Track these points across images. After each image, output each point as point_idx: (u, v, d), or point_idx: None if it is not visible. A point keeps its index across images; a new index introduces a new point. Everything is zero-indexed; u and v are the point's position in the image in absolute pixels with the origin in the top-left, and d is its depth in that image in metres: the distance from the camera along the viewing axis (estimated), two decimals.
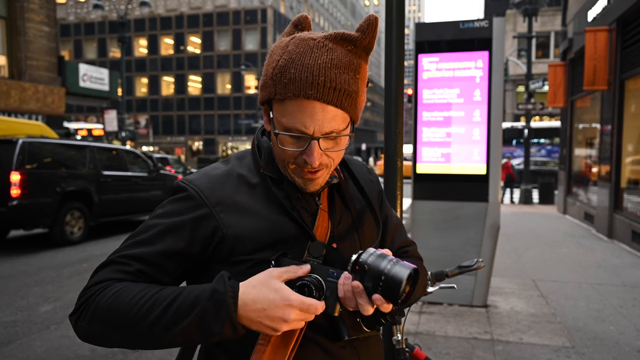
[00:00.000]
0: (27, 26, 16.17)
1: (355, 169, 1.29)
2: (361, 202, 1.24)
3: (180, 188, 1.12)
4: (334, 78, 1.01)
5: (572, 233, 10.55)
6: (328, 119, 1.03)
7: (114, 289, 0.99)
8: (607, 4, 9.76)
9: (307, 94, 1.00)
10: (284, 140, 1.06)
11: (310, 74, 1.00)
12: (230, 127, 57.12)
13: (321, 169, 1.08)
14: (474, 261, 1.76)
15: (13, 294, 6.11)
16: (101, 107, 21.99)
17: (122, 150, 11.73)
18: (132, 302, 0.96)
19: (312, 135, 1.03)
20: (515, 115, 31.10)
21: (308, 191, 1.11)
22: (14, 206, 8.31)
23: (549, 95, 13.95)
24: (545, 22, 29.52)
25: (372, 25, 1.04)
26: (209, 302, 0.93)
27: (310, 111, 1.01)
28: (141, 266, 1.04)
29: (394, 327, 1.65)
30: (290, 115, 1.03)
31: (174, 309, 0.94)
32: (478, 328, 4.75)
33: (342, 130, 1.06)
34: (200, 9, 57.52)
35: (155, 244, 1.05)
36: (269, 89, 1.06)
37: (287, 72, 1.02)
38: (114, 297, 0.98)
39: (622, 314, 5.22)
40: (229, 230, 1.06)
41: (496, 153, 5.12)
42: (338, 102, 1.02)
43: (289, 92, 1.01)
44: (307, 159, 1.04)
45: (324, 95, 1.01)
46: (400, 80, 2.71)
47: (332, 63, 1.02)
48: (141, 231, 1.09)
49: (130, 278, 1.03)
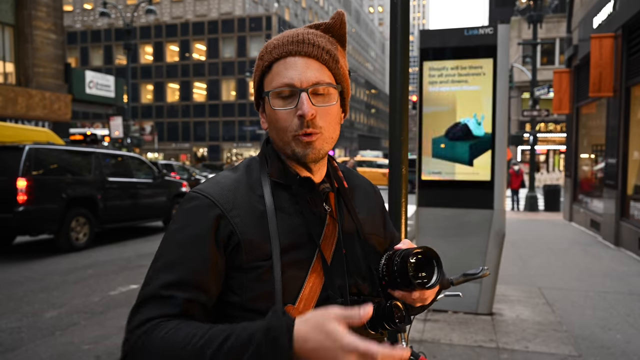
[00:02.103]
0: (35, 34, 16.31)
1: (358, 180, 1.35)
2: (364, 212, 1.26)
3: (193, 197, 1.11)
4: (311, 38, 1.14)
5: (578, 240, 10.50)
6: (312, 70, 1.11)
7: (161, 330, 0.96)
8: (613, 10, 9.75)
9: (289, 50, 1.12)
10: (276, 103, 1.12)
11: (290, 37, 1.14)
12: (234, 133, 57.23)
13: (316, 132, 1.11)
14: (480, 269, 1.75)
15: (19, 299, 6.12)
16: (107, 113, 22.09)
17: (127, 156, 11.78)
18: (183, 343, 0.92)
19: (300, 87, 1.09)
20: (521, 122, 31.07)
21: (309, 160, 1.13)
22: (20, 212, 8.34)
23: (554, 102, 13.93)
24: (550, 29, 29.50)
25: (339, 15, 1.18)
26: (265, 340, 0.88)
27: (294, 64, 1.11)
28: (181, 293, 1.01)
29: (398, 334, 1.64)
30: (277, 75, 1.12)
31: (227, 347, 0.90)
32: (483, 336, 4.72)
33: (328, 82, 1.13)
34: (206, 17, 57.82)
35: (185, 262, 1.03)
36: (259, 68, 1.18)
37: (271, 44, 1.16)
38: (164, 339, 0.94)
39: (629, 322, 5.18)
40: (244, 235, 1.06)
41: (501, 160, 5.10)
42: (319, 55, 1.13)
43: (275, 54, 1.13)
44: (299, 112, 1.08)
45: (304, 48, 1.12)
46: (405, 87, 2.71)
47: (309, 32, 1.16)
48: (165, 252, 1.07)
49: (175, 311, 1.00)
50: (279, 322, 0.89)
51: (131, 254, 9.13)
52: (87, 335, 4.90)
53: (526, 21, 17.83)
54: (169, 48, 59.06)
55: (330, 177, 1.22)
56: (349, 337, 0.84)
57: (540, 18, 16.70)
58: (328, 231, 1.14)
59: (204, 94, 58.67)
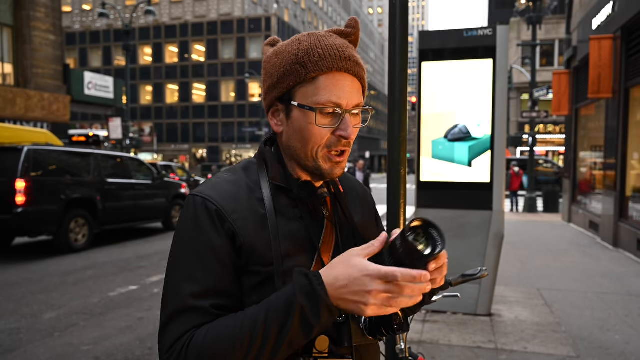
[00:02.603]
0: (33, 35, 16.29)
1: (351, 183, 1.35)
2: (359, 215, 1.26)
3: (197, 202, 1.10)
4: (353, 54, 1.12)
5: (576, 242, 10.51)
6: (355, 91, 1.11)
7: (199, 336, 0.97)
8: (612, 12, 9.77)
9: (339, 66, 1.08)
10: (321, 121, 1.09)
11: (338, 50, 1.10)
12: (234, 134, 57.23)
13: (347, 150, 1.12)
14: (478, 270, 1.75)
15: (17, 301, 6.12)
16: (106, 114, 22.06)
17: (126, 157, 11.78)
18: (229, 335, 0.94)
19: (345, 108, 1.09)
20: (520, 123, 31.08)
21: (334, 177, 1.14)
22: (19, 213, 8.34)
23: (554, 103, 13.94)
24: (550, 30, 29.52)
25: (357, 24, 1.18)
26: (301, 297, 0.92)
27: (343, 83, 1.09)
28: (208, 301, 1.01)
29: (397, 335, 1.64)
30: (324, 90, 1.08)
31: (271, 321, 0.93)
32: (482, 337, 4.72)
33: (364, 105, 1.14)
34: (205, 18, 57.82)
35: (206, 271, 1.03)
36: (295, 74, 1.10)
37: (314, 52, 1.09)
38: (208, 341, 0.95)
39: (627, 323, 5.18)
40: (246, 238, 1.06)
41: (500, 161, 5.11)
42: (360, 76, 1.12)
43: (323, 67, 1.08)
44: (342, 134, 1.09)
45: (352, 66, 1.10)
46: (404, 89, 2.71)
47: (346, 44, 1.13)
48: (182, 263, 1.05)
49: (206, 320, 0.99)
50: (306, 278, 0.94)
51: (130, 255, 9.13)
52: (86, 337, 4.90)
53: (525, 22, 17.86)
54: (168, 49, 59.06)
55: (327, 181, 1.22)
56: (372, 265, 0.91)
57: (540, 19, 16.71)
58: (326, 235, 1.14)
59: (203, 95, 58.67)
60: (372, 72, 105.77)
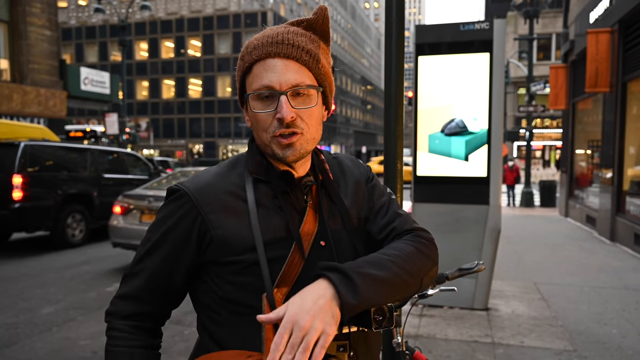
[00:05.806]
0: (29, 30, 16.20)
1: (346, 166, 1.31)
2: (351, 197, 1.25)
3: (173, 190, 1.17)
4: (291, 38, 1.12)
5: (573, 236, 10.54)
6: (292, 72, 1.10)
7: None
8: (609, 5, 9.76)
9: (268, 52, 1.11)
10: (255, 105, 1.12)
11: (270, 37, 1.13)
12: (230, 130, 57.14)
13: (296, 132, 1.11)
14: (475, 264, 1.76)
15: (15, 296, 6.11)
16: (102, 110, 21.99)
17: (123, 153, 11.76)
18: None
19: (279, 90, 1.09)
20: (517, 117, 31.10)
21: (289, 160, 1.13)
22: (16, 209, 8.33)
23: (551, 97, 13.93)
24: (547, 24, 29.51)
25: (322, 10, 1.17)
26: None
27: (273, 66, 1.10)
28: (148, 278, 1.17)
29: (394, 329, 1.64)
30: (257, 77, 1.11)
31: None
32: (479, 331, 4.74)
33: (308, 84, 1.12)
34: (201, 12, 57.61)
35: (157, 251, 1.15)
36: (240, 68, 1.17)
37: (251, 44, 1.15)
38: None
39: (624, 317, 5.21)
40: (217, 231, 1.10)
41: (497, 155, 5.11)
42: (298, 55, 1.11)
43: (254, 55, 1.12)
44: (278, 115, 1.09)
45: (283, 49, 1.11)
46: (400, 83, 2.71)
47: (289, 30, 1.14)
48: (143, 242, 1.19)
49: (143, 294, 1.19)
50: None
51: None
52: (83, 331, 4.90)
53: (522, 16, 17.83)
54: (164, 44, 58.86)
55: (315, 170, 1.22)
56: None
57: (537, 13, 16.68)
58: (307, 224, 1.15)
59: (199, 90, 58.53)
60: (368, 67, 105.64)
